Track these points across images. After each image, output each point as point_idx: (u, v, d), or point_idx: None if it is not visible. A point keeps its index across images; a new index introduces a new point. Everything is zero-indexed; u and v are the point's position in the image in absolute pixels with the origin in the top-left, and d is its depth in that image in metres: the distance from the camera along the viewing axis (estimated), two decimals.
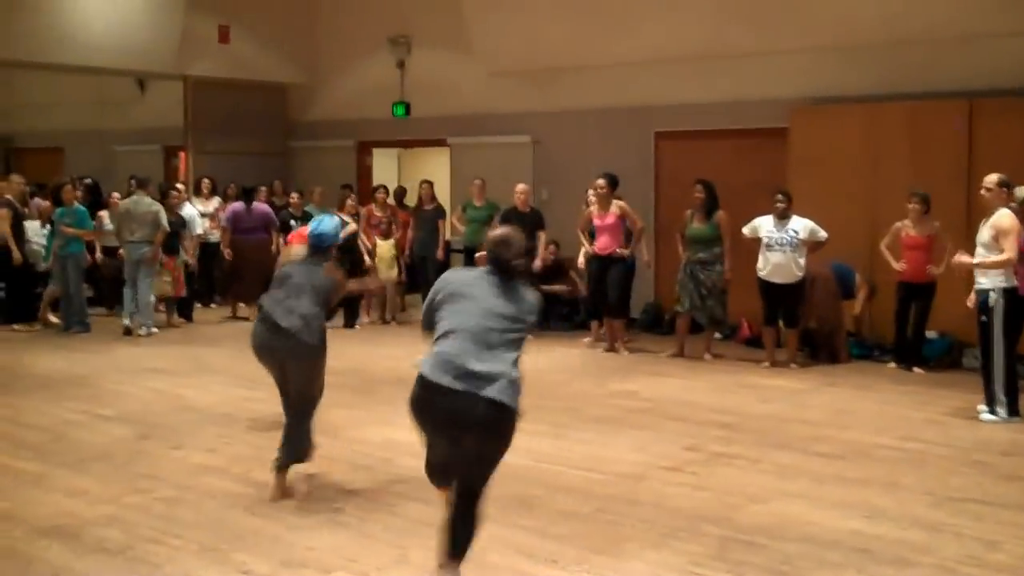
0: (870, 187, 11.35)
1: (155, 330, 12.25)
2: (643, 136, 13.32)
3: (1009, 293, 7.98)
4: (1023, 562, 5.05)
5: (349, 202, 13.14)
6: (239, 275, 13.40)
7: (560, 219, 12.56)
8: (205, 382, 9.45)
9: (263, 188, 14.28)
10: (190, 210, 13.43)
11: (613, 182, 11.17)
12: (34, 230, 12.80)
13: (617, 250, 11.20)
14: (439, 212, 13.52)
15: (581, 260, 11.81)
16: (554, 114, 14.04)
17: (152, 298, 12.43)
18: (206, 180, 14.56)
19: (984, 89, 10.86)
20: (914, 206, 10.09)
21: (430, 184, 13.67)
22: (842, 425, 7.99)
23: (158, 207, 12.36)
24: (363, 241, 13.12)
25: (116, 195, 13.41)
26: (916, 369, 10.19)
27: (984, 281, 8.08)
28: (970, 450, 7.22)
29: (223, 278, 14.07)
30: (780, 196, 10.45)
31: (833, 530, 5.50)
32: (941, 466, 6.83)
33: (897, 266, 10.15)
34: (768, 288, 10.50)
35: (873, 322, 11.38)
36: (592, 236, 11.54)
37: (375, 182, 15.09)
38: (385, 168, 16.87)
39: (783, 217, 10.39)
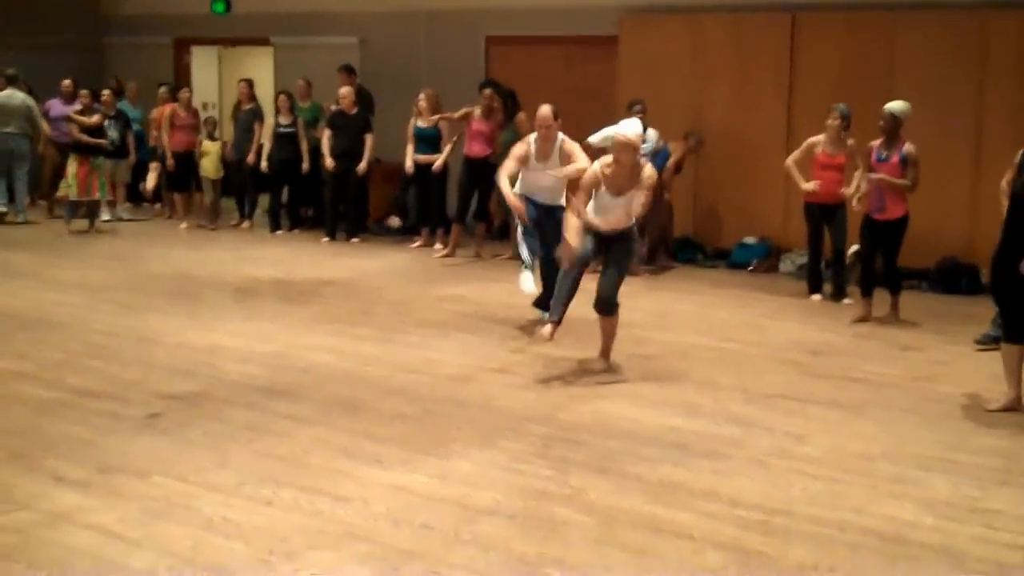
0: (696, 98, 11.53)
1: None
2: (474, 41, 13.16)
3: None
4: (828, 453, 5.30)
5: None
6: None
7: (390, 122, 12.35)
8: (12, 287, 9.00)
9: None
10: None
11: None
12: None
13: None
14: (255, 113, 13.01)
15: (409, 165, 11.66)
16: (382, 14, 13.70)
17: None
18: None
19: (806, 3, 11.10)
20: (833, 122, 9.04)
21: (248, 83, 13.15)
22: (664, 327, 8.20)
23: (32, 102, 12.95)
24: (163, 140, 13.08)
25: None
26: (846, 300, 9.14)
27: None
28: (784, 350, 7.52)
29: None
30: (639, 106, 10.14)
31: (652, 427, 5.65)
32: (756, 365, 7.09)
33: (807, 186, 9.09)
34: None
35: (698, 228, 11.65)
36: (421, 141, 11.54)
37: (193, 82, 14.49)
38: (205, 67, 16.20)
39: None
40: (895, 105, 8.46)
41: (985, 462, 5.23)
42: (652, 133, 10.37)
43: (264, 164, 12.56)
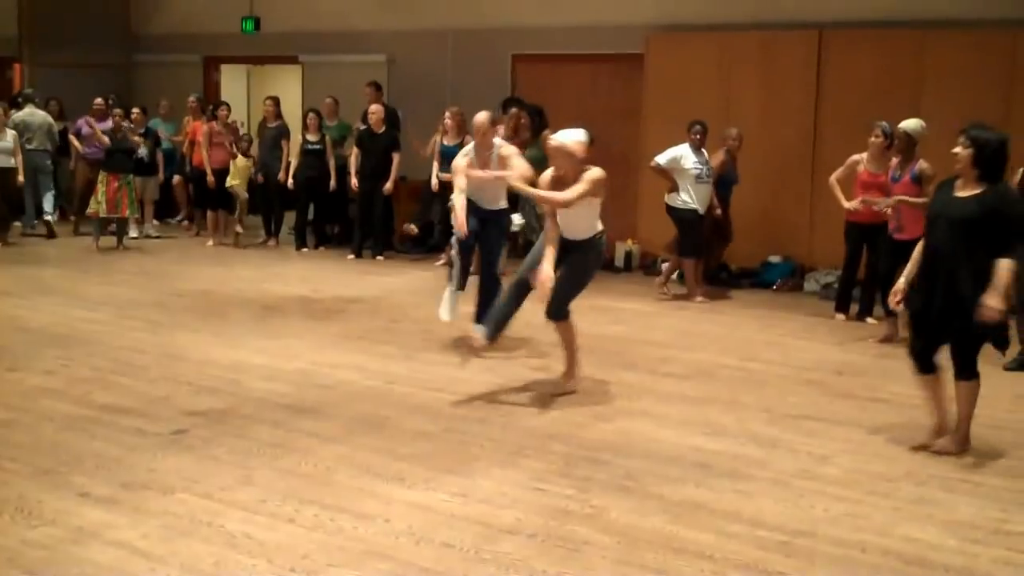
0: (722, 115, 11.50)
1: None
2: (500, 59, 13.23)
3: None
4: (852, 475, 5.28)
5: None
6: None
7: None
8: (42, 302, 9.10)
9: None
10: None
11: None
12: None
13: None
14: (282, 131, 13.10)
15: (435, 183, 11.70)
16: (410, 33, 13.80)
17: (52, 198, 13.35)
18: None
19: (834, 20, 11.10)
20: (875, 140, 8.78)
21: (274, 101, 13.27)
22: (688, 347, 8.18)
23: (51, 119, 13.39)
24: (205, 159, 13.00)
25: None
26: (870, 320, 9.04)
27: None
28: (807, 370, 7.49)
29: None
30: (699, 127, 10.11)
31: (675, 446, 5.65)
32: (779, 385, 7.07)
33: (849, 205, 8.81)
34: (698, 220, 10.09)
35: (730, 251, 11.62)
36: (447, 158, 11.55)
37: (224, 100, 14.61)
38: (234, 86, 16.35)
39: (701, 148, 10.14)
40: (908, 123, 8.39)
41: (1009, 484, 5.20)
42: (705, 153, 10.23)
43: (291, 182, 12.64)
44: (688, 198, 10.00)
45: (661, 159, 10.08)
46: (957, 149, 5.55)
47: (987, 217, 5.39)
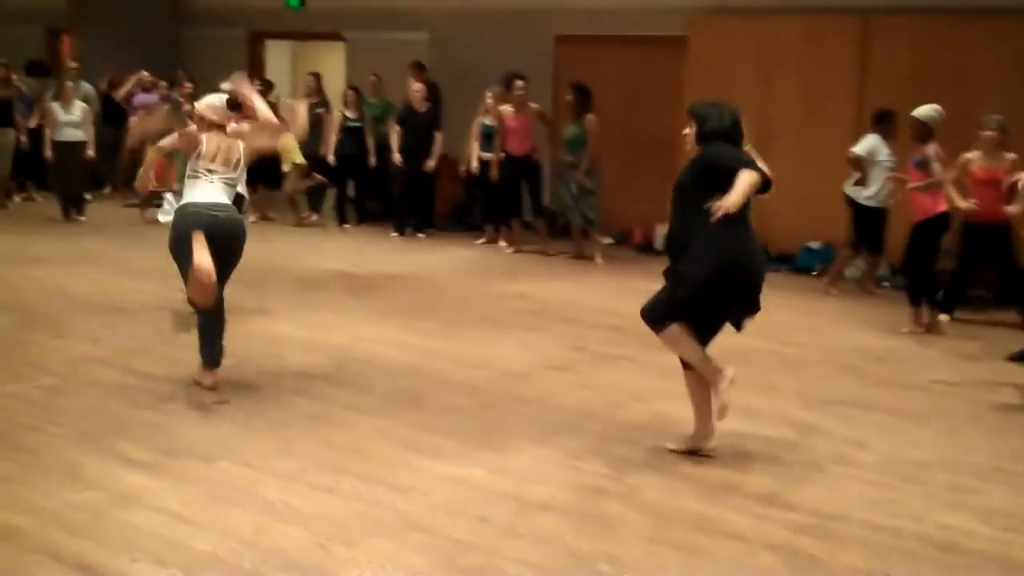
0: (764, 100, 11.45)
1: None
2: (543, 39, 13.20)
3: None
4: (887, 461, 5.29)
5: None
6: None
7: (457, 120, 12.45)
8: (88, 272, 9.25)
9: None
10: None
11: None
12: None
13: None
14: (323, 106, 13.18)
15: (475, 164, 11.75)
16: (453, 12, 13.81)
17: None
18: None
19: (879, 6, 10.99)
20: (989, 134, 8.25)
21: (316, 77, 13.34)
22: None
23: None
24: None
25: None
26: (943, 317, 8.49)
27: None
28: (845, 355, 7.48)
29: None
30: (889, 116, 9.62)
31: None
32: (817, 370, 7.06)
33: (965, 204, 8.25)
34: (882, 215, 9.67)
35: (761, 231, 11.57)
36: (488, 138, 11.62)
37: (267, 77, 14.71)
38: (279, 62, 16.45)
39: (888, 139, 9.65)
40: (920, 110, 8.36)
41: None
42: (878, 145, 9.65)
43: (331, 157, 12.68)
44: (876, 192, 9.60)
45: (860, 149, 9.60)
46: (686, 131, 5.20)
47: (697, 178, 5.05)
